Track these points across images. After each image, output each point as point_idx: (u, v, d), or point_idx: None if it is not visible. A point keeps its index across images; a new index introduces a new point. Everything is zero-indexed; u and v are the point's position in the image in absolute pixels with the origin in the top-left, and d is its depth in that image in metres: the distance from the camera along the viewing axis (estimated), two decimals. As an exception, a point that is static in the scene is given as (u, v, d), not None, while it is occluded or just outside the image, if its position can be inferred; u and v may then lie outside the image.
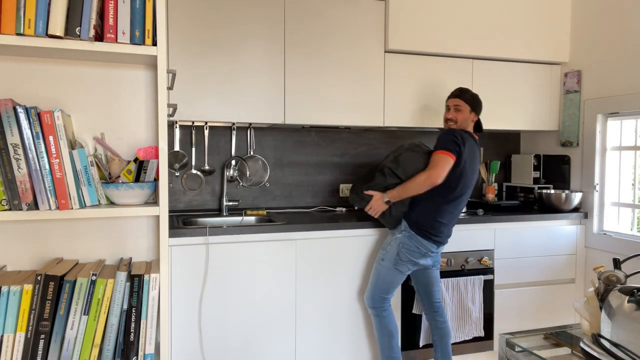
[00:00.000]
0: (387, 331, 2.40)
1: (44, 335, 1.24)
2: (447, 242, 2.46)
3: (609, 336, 1.20)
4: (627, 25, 2.83)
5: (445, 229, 2.38)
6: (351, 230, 2.57)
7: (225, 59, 2.61)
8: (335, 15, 2.77)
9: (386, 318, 2.41)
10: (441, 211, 2.34)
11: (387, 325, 2.40)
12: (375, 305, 2.42)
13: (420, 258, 2.36)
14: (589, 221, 3.05)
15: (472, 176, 2.38)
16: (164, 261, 1.34)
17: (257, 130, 3.04)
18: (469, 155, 2.34)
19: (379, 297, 2.41)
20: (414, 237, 2.34)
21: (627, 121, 2.96)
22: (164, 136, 1.33)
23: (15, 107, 1.21)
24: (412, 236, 2.34)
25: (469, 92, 2.49)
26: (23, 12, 1.19)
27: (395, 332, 2.42)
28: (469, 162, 2.34)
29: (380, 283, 2.40)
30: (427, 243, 2.34)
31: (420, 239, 2.33)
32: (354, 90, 2.83)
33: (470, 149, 2.35)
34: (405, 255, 2.34)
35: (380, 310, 2.41)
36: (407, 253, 2.34)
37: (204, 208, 2.97)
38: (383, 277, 2.39)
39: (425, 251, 2.35)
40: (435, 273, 2.49)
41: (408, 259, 2.35)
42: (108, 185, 1.35)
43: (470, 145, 2.36)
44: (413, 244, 2.34)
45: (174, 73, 1.87)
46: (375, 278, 2.42)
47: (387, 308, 2.42)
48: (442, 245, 2.42)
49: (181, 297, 2.32)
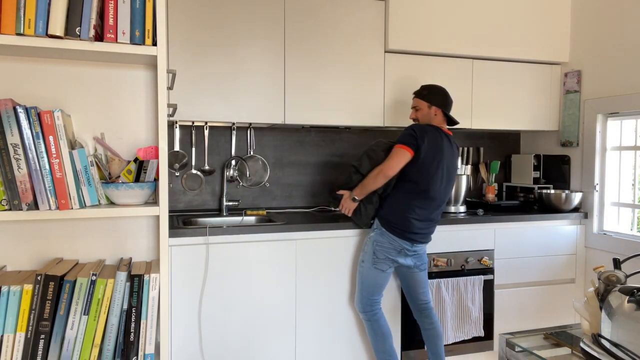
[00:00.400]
0: (380, 334, 2.39)
1: (44, 335, 1.24)
2: (427, 241, 2.41)
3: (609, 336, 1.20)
4: (627, 25, 2.83)
5: (419, 225, 2.33)
6: (351, 231, 2.57)
7: (225, 58, 2.61)
8: (335, 15, 2.77)
9: (377, 322, 2.39)
10: (409, 207, 2.32)
11: (379, 328, 2.39)
12: (365, 310, 2.41)
13: (397, 256, 2.35)
14: (589, 221, 3.05)
15: (438, 171, 2.32)
16: (164, 261, 1.34)
17: (257, 130, 3.04)
18: (432, 148, 2.31)
19: (367, 300, 2.39)
20: (386, 234, 2.34)
21: (627, 121, 2.96)
22: (164, 136, 1.33)
23: (15, 107, 1.21)
24: (384, 233, 2.35)
25: (425, 87, 2.48)
26: (23, 12, 1.19)
27: (388, 335, 2.40)
28: (431, 155, 2.31)
29: (365, 285, 2.39)
30: (399, 240, 2.33)
31: (391, 235, 2.33)
32: (354, 91, 2.83)
33: (433, 142, 2.32)
34: (381, 253, 2.34)
35: (371, 315, 2.40)
36: (382, 251, 2.34)
37: (204, 208, 2.97)
38: (366, 279, 2.39)
39: (400, 248, 2.34)
40: (419, 275, 2.44)
41: (385, 256, 2.34)
42: (108, 185, 1.35)
43: (433, 138, 2.32)
44: (386, 241, 2.34)
45: (174, 73, 1.87)
46: (360, 281, 2.42)
47: (377, 311, 2.41)
48: (418, 243, 2.36)
49: (181, 297, 2.32)
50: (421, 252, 2.43)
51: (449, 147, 2.40)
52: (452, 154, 2.41)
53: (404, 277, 2.47)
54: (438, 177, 2.33)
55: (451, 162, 2.40)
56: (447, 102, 2.45)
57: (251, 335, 2.43)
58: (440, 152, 2.34)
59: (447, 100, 2.46)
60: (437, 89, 2.46)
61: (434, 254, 2.71)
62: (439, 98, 2.43)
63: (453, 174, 2.42)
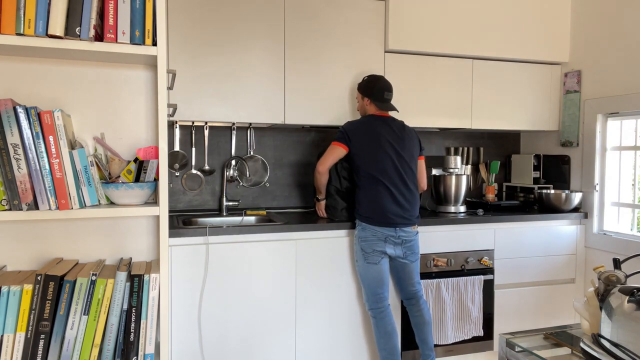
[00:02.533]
0: (383, 332, 2.39)
1: (44, 335, 1.24)
2: (411, 223, 2.41)
3: (609, 336, 1.20)
4: (627, 25, 2.83)
5: (392, 208, 2.37)
6: (351, 230, 2.57)
7: (225, 58, 2.61)
8: (335, 15, 2.77)
9: (383, 319, 2.40)
10: (375, 193, 2.39)
11: (384, 325, 2.40)
12: (372, 307, 2.42)
13: (384, 246, 2.38)
14: (589, 221, 3.05)
15: (379, 150, 2.40)
16: (164, 261, 1.34)
17: (257, 130, 3.04)
18: (366, 135, 2.42)
19: (373, 297, 2.41)
20: (367, 227, 2.39)
21: (627, 121, 2.96)
22: (164, 136, 1.33)
23: (15, 107, 1.21)
24: (365, 227, 2.40)
25: (364, 78, 2.58)
26: (23, 12, 1.19)
27: (393, 334, 2.40)
28: (367, 141, 2.42)
29: (366, 283, 2.42)
30: (380, 228, 2.37)
31: (372, 227, 2.38)
32: (354, 90, 2.83)
33: (364, 130, 2.43)
34: (368, 247, 2.38)
35: (377, 312, 2.41)
36: (368, 244, 2.38)
37: (204, 208, 2.97)
38: (364, 275, 2.42)
39: (384, 237, 2.37)
40: (410, 267, 2.43)
41: (372, 249, 2.38)
42: (108, 185, 1.35)
43: (363, 127, 2.44)
44: (369, 234, 2.38)
45: (174, 73, 1.87)
46: (360, 280, 2.46)
47: (385, 309, 2.41)
48: (401, 226, 2.38)
49: (181, 297, 2.32)
50: (411, 242, 2.42)
51: (387, 127, 2.46)
52: (393, 131, 2.46)
53: (394, 268, 2.48)
54: (384, 156, 2.41)
55: (394, 138, 2.45)
56: (373, 91, 2.50)
57: (251, 335, 2.43)
58: (377, 135, 2.43)
59: (374, 90, 2.50)
60: (369, 78, 2.55)
61: (434, 254, 2.71)
62: (367, 89, 2.53)
63: (403, 148, 2.45)
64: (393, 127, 2.47)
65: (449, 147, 3.43)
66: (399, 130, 2.48)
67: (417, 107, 2.95)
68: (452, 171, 3.05)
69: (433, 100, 2.97)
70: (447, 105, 3.01)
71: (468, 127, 3.07)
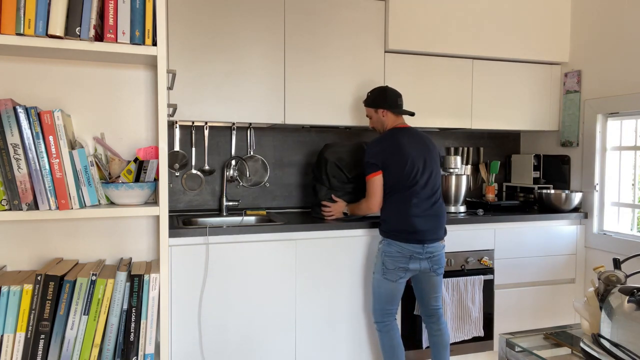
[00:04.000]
0: (388, 346, 2.36)
1: (44, 335, 1.24)
2: (439, 237, 2.34)
3: (609, 336, 1.20)
4: (627, 25, 2.83)
5: (420, 223, 2.29)
6: (351, 230, 2.57)
7: (225, 58, 2.61)
8: (335, 14, 2.77)
9: (388, 333, 2.36)
10: (404, 207, 2.30)
11: (389, 340, 2.36)
12: (378, 320, 2.39)
13: (407, 262, 2.30)
14: (589, 221, 3.05)
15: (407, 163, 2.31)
16: (164, 261, 1.34)
17: (257, 130, 3.04)
18: (390, 152, 2.32)
19: (381, 311, 2.37)
20: (393, 243, 2.31)
21: (627, 121, 2.96)
22: (164, 136, 1.33)
23: (15, 107, 1.21)
24: (391, 243, 2.32)
25: (368, 94, 2.51)
26: (23, 12, 1.19)
27: (397, 348, 2.37)
28: (392, 157, 2.32)
29: (377, 296, 2.37)
30: (407, 245, 2.29)
31: (399, 243, 2.30)
32: (354, 90, 2.83)
33: (388, 148, 2.33)
34: (390, 264, 2.31)
35: (382, 326, 2.37)
36: (392, 260, 2.30)
37: (204, 208, 2.97)
38: (377, 289, 2.37)
39: (410, 254, 2.29)
40: (434, 279, 2.39)
41: (395, 266, 2.30)
42: (108, 185, 1.35)
43: (386, 145, 2.35)
44: (394, 250, 2.30)
45: (174, 73, 1.87)
46: (372, 291, 2.41)
47: (390, 323, 2.37)
48: (425, 243, 2.30)
49: (181, 297, 2.32)
50: (438, 254, 2.35)
51: (412, 139, 2.37)
52: (416, 141, 2.37)
53: (418, 280, 2.41)
54: (414, 171, 2.32)
55: (421, 151, 2.36)
56: (387, 100, 2.43)
57: (251, 335, 2.43)
58: (399, 148, 2.32)
59: (387, 99, 2.44)
60: (376, 90, 2.48)
61: (434, 254, 2.71)
62: (380, 99, 2.44)
63: (431, 159, 2.38)
64: (417, 138, 2.39)
65: (449, 147, 3.43)
66: (423, 140, 2.40)
67: (417, 107, 2.95)
68: (452, 171, 3.05)
69: (433, 101, 2.97)
70: (447, 105, 3.01)
71: (468, 127, 3.07)
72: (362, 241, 2.59)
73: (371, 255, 2.60)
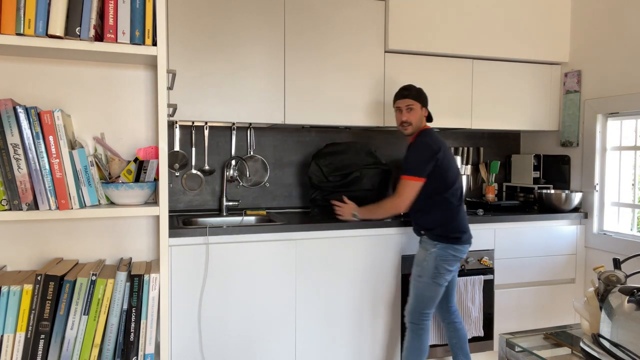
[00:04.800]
0: (416, 348, 2.36)
1: (44, 335, 1.24)
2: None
3: (609, 336, 1.20)
4: (627, 25, 2.83)
5: (467, 224, 2.40)
6: (351, 230, 2.56)
7: (225, 58, 2.61)
8: (335, 15, 2.77)
9: (420, 337, 2.37)
10: (454, 209, 2.36)
11: (419, 343, 2.36)
12: (414, 321, 2.38)
13: (455, 264, 2.36)
14: (589, 221, 3.05)
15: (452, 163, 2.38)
16: (164, 261, 1.34)
17: (257, 130, 3.04)
18: (446, 150, 2.37)
19: (419, 314, 2.37)
20: (449, 247, 2.33)
21: (627, 121, 2.96)
22: (164, 136, 1.33)
23: (15, 107, 1.21)
24: (446, 247, 2.33)
25: (414, 88, 2.43)
26: (23, 12, 1.19)
27: (423, 352, 2.37)
28: (450, 157, 2.38)
29: (421, 299, 2.36)
30: (460, 247, 2.34)
31: (455, 246, 2.33)
32: (354, 90, 2.83)
33: (443, 144, 2.37)
34: (443, 268, 2.33)
35: (417, 328, 2.37)
36: (446, 264, 2.33)
37: (204, 208, 2.97)
38: (423, 293, 2.35)
39: (461, 256, 2.36)
40: (455, 279, 2.51)
41: (446, 270, 2.33)
42: (108, 185, 1.35)
43: (441, 142, 2.37)
44: (449, 254, 2.33)
45: (174, 73, 1.87)
46: (415, 294, 2.38)
47: (425, 326, 2.38)
48: (471, 240, 2.40)
49: (181, 297, 2.32)
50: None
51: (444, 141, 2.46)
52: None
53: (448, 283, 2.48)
54: (458, 173, 2.41)
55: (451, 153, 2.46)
56: (427, 102, 2.48)
57: (251, 335, 2.43)
58: (445, 148, 2.38)
59: (427, 100, 2.49)
60: (422, 90, 2.48)
61: (434, 254, 2.71)
62: (426, 98, 2.47)
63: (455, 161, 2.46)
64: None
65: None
66: None
67: (417, 107, 2.95)
68: (452, 171, 3.05)
69: (433, 100, 2.97)
70: (447, 105, 3.01)
71: (468, 127, 3.07)
72: (362, 241, 2.59)
73: (371, 255, 2.60)
